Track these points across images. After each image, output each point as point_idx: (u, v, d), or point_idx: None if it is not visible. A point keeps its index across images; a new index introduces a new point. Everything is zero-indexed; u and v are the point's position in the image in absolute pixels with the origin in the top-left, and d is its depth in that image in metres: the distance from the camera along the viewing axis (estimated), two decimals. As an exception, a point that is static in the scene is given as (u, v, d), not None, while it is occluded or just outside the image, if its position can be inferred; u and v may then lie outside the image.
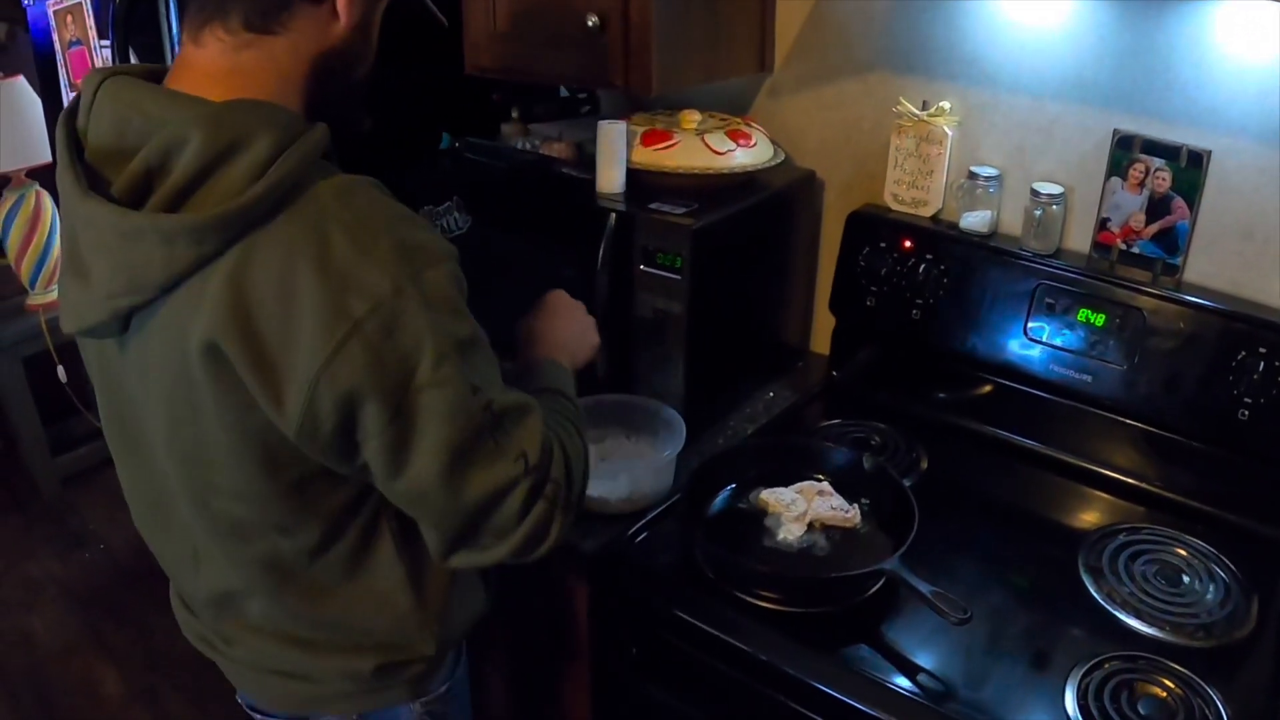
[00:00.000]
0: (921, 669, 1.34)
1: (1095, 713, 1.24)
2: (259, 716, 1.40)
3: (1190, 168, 1.61)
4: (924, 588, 1.34)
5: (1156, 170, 1.64)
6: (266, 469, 1.08)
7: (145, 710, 2.78)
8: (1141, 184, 1.66)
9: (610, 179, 1.72)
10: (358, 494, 1.14)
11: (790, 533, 1.53)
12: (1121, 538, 1.57)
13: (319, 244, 0.96)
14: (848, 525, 1.55)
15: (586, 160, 1.83)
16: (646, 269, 1.66)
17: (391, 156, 1.89)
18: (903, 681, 1.31)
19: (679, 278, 1.62)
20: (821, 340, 2.09)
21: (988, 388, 1.82)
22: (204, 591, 1.26)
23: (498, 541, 1.12)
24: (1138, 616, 1.41)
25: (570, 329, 1.49)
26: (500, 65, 1.86)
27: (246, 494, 1.11)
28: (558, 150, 1.87)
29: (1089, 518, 1.65)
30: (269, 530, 1.14)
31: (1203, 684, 1.28)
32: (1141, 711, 1.25)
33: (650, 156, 1.74)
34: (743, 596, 1.43)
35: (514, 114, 2.05)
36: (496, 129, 2.07)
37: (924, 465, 1.75)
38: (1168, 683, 1.29)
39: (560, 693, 1.79)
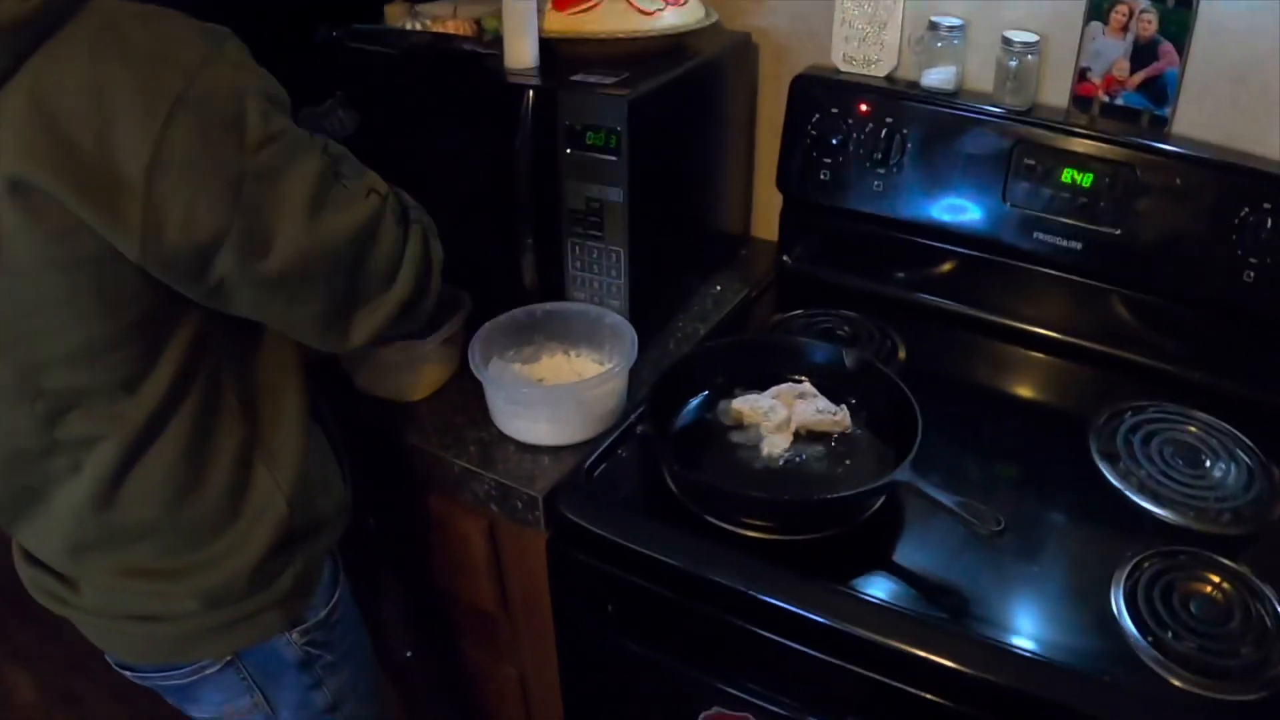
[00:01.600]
0: (948, 590, 1.18)
1: (1151, 623, 1.11)
2: (131, 674, 1.30)
3: (1178, 7, 1.45)
4: (946, 499, 1.17)
5: (1141, 12, 1.47)
6: (106, 309, 1.01)
7: (67, 714, 2.55)
8: (1125, 28, 1.49)
9: (521, 51, 1.46)
10: (198, 336, 1.08)
11: (774, 445, 1.34)
12: (1129, 419, 1.43)
13: (116, 38, 0.94)
14: (837, 429, 1.36)
15: (489, 38, 1.58)
16: (575, 152, 1.42)
17: (259, 53, 1.63)
18: (929, 607, 1.15)
19: (615, 159, 1.40)
20: (764, 224, 1.90)
21: (964, 263, 1.65)
22: (49, 529, 1.18)
23: (389, 283, 1.14)
24: (1164, 504, 1.28)
25: None
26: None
27: (84, 350, 1.03)
28: (451, 28, 1.60)
29: (1090, 399, 1.50)
30: (114, 392, 1.07)
31: (1250, 576, 1.17)
32: (1195, 613, 1.13)
33: (566, 22, 1.49)
34: (728, 527, 1.24)
35: (396, -7, 1.77)
36: (379, 13, 1.79)
37: (901, 355, 1.58)
38: (1214, 578, 1.18)
39: (521, 657, 1.61)
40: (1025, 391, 1.57)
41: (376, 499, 1.55)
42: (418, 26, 1.64)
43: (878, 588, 1.17)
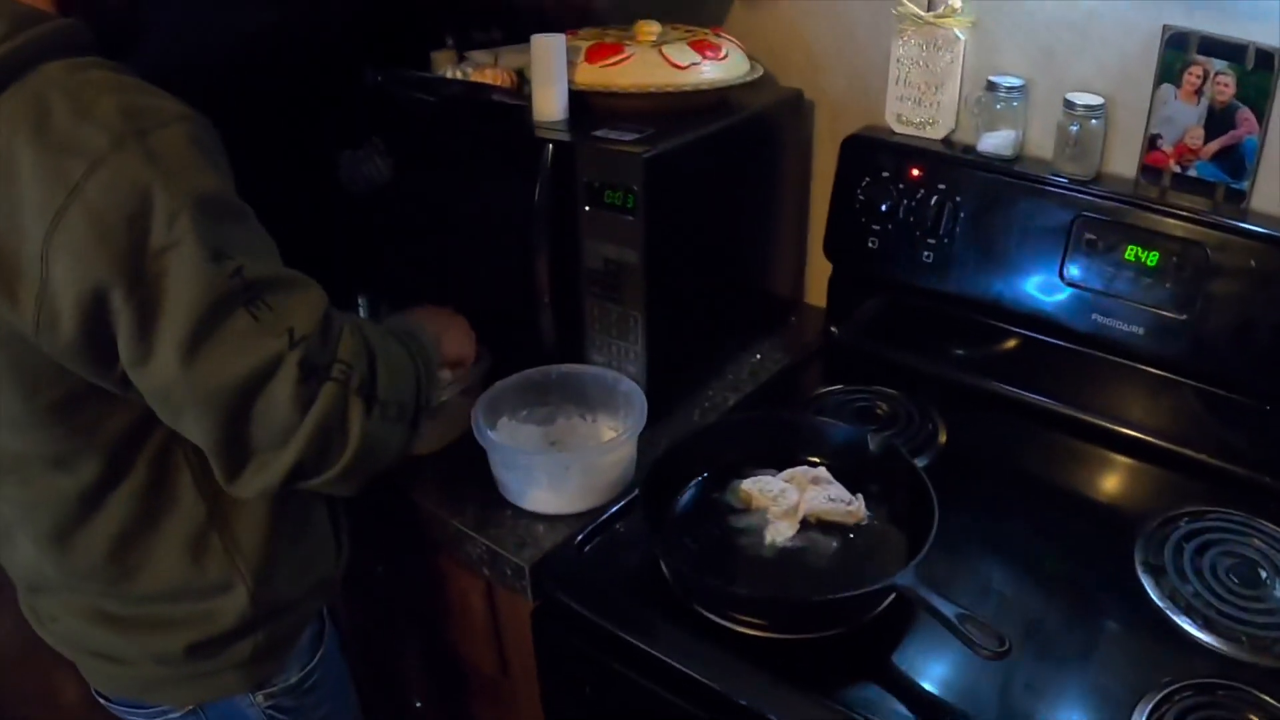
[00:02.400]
0: (943, 713, 1.07)
1: (1169, 766, 0.98)
2: (104, 702, 1.30)
3: (1259, 70, 1.33)
4: (948, 609, 1.06)
5: (1217, 74, 1.36)
6: (24, 390, 1.00)
7: (105, 715, 2.59)
8: (1199, 92, 1.38)
9: (548, 103, 1.42)
10: (139, 418, 1.04)
11: (778, 533, 1.25)
12: (1184, 525, 1.30)
13: (38, 112, 0.90)
14: (850, 521, 1.27)
15: (528, 90, 1.55)
16: (592, 210, 1.37)
17: (308, 96, 1.63)
18: (921, 732, 1.04)
19: (632, 219, 1.34)
20: (817, 291, 1.82)
21: (1016, 343, 1.54)
22: (16, 559, 1.20)
23: (282, 443, 0.97)
24: (1209, 629, 1.15)
25: (438, 319, 1.36)
26: (426, -21, 1.59)
27: (12, 421, 1.03)
28: (490, 77, 1.57)
29: (1142, 500, 1.39)
30: (46, 466, 1.06)
31: None
32: None
33: (597, 75, 1.45)
34: (717, 620, 1.16)
35: (448, 41, 1.75)
36: (428, 59, 1.78)
37: (942, 439, 1.48)
38: (1253, 719, 1.03)
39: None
40: (1073, 487, 1.44)
41: (384, 547, 1.52)
42: (460, 75, 1.61)
43: (870, 703, 1.07)
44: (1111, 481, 1.45)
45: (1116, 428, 1.47)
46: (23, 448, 1.06)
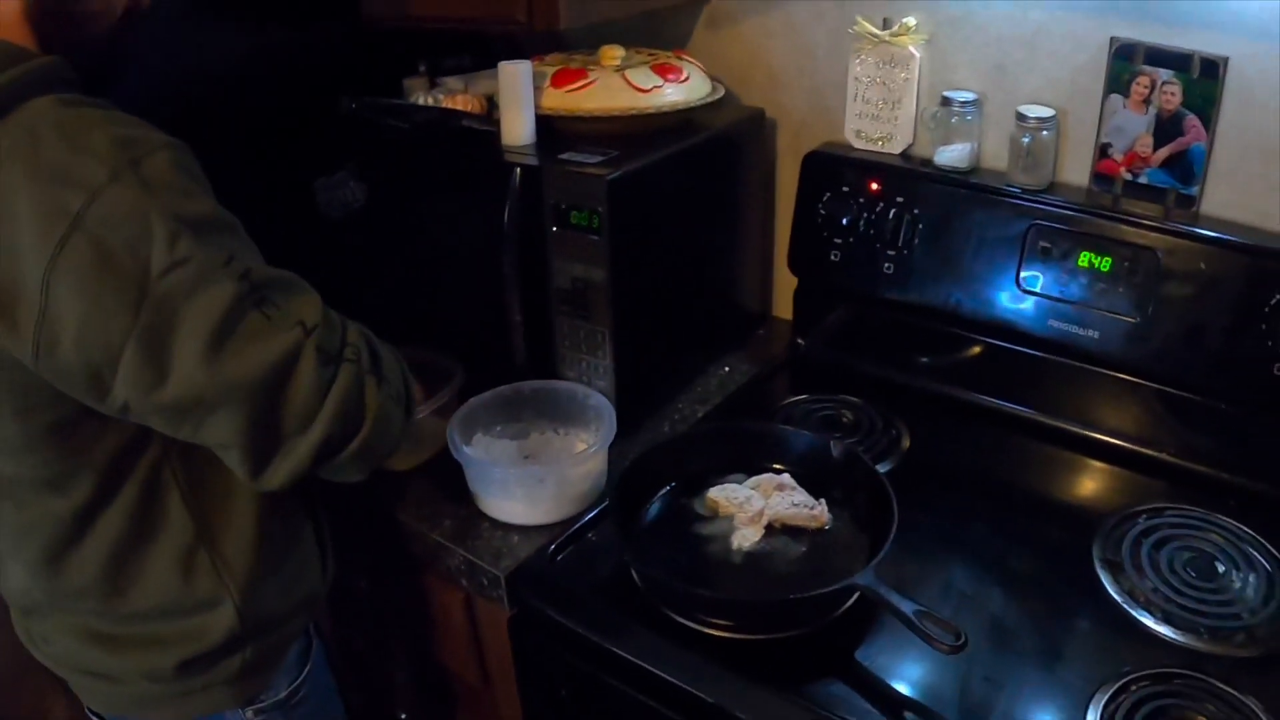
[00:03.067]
0: (907, 707, 1.10)
1: (1123, 758, 1.01)
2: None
3: (1204, 79, 1.37)
4: (906, 606, 1.09)
5: (1164, 84, 1.39)
6: (19, 413, 1.02)
7: None
8: (1146, 101, 1.41)
9: (516, 128, 1.46)
10: (131, 439, 1.07)
11: (744, 539, 1.28)
12: (1142, 522, 1.33)
13: (29, 146, 0.93)
14: (814, 525, 1.30)
15: (497, 115, 1.58)
16: (560, 230, 1.40)
17: (283, 123, 1.66)
18: (883, 725, 1.06)
19: (597, 239, 1.37)
20: (784, 304, 1.84)
21: (976, 349, 1.58)
22: (9, 584, 1.21)
23: (307, 426, 1.02)
24: (1167, 621, 1.17)
25: None
26: (397, 12, 1.63)
27: (6, 444, 1.05)
28: (461, 103, 1.61)
29: (1102, 499, 1.42)
30: (40, 488, 1.08)
31: (1254, 707, 1.04)
32: None
33: (562, 100, 1.48)
34: (686, 623, 1.19)
35: (420, 68, 1.79)
36: (400, 86, 1.81)
37: (905, 445, 1.51)
38: (1210, 707, 1.06)
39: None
40: (1034, 489, 1.47)
41: (367, 562, 1.54)
42: (431, 101, 1.64)
43: (835, 700, 1.09)
44: (1072, 482, 1.48)
45: (1076, 429, 1.50)
46: (17, 471, 1.07)
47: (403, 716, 1.75)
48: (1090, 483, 1.47)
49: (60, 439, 1.04)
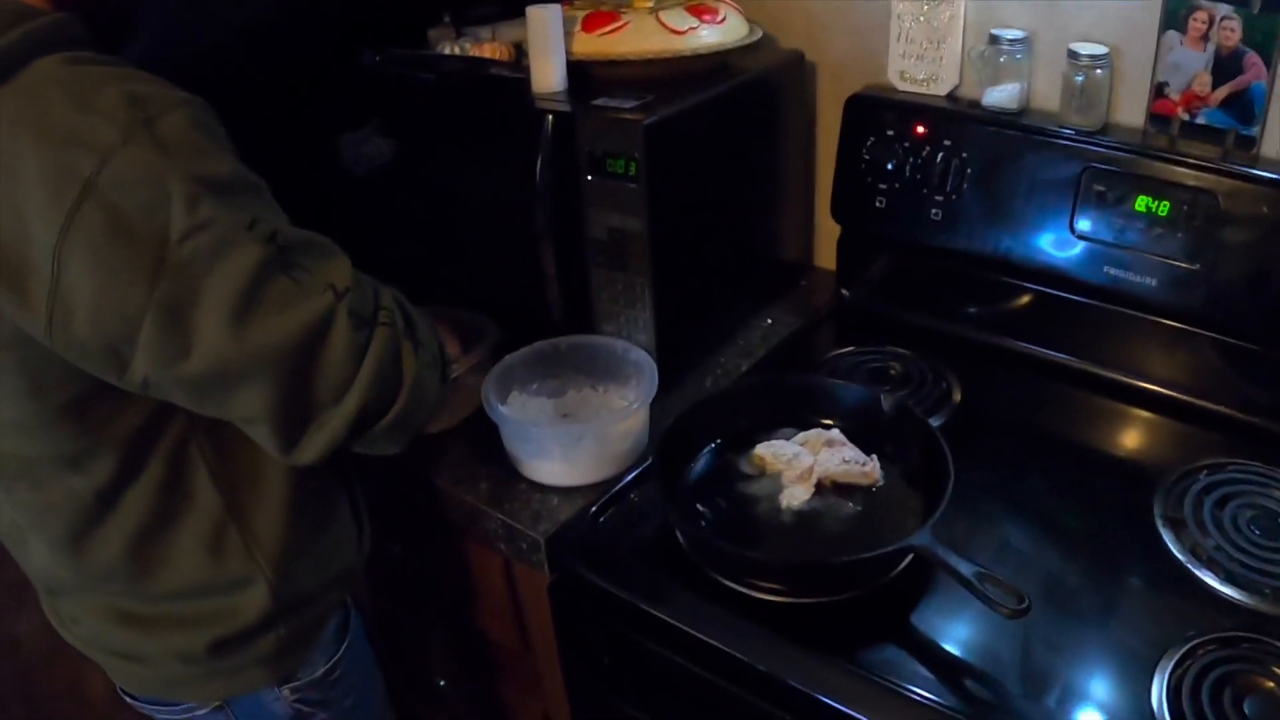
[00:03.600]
0: (964, 672, 1.06)
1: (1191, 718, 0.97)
2: (130, 700, 1.28)
3: (1265, 14, 1.30)
4: (966, 568, 1.05)
5: (1223, 19, 1.33)
6: (33, 391, 0.98)
7: (132, 712, 2.60)
8: (1205, 38, 1.35)
9: (546, 74, 1.40)
10: (153, 413, 1.02)
11: (793, 497, 1.24)
12: (1203, 478, 1.28)
13: (37, 106, 0.88)
14: (865, 482, 1.26)
15: (526, 62, 1.53)
16: (595, 179, 1.35)
17: (305, 79, 1.62)
18: (941, 693, 1.03)
19: (634, 186, 1.32)
20: (826, 253, 1.79)
21: (1028, 298, 1.52)
22: (33, 564, 1.18)
23: (342, 396, 0.97)
24: (1230, 581, 1.13)
25: None
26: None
27: (20, 424, 1.01)
28: (489, 51, 1.55)
29: (1162, 454, 1.37)
30: (58, 467, 1.03)
31: None
32: (1249, 714, 0.98)
33: (594, 44, 1.43)
34: (734, 586, 1.15)
35: (445, 18, 1.73)
36: (424, 38, 1.76)
37: (956, 398, 1.46)
38: (1278, 671, 1.01)
39: (545, 695, 1.53)
40: (1090, 443, 1.42)
41: (402, 528, 1.51)
42: (457, 50, 1.59)
43: (889, 665, 1.06)
44: (1128, 436, 1.43)
45: (1132, 381, 1.45)
46: (33, 450, 1.04)
47: (441, 683, 1.73)
48: (1147, 436, 1.42)
49: (77, 416, 1.00)
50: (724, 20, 1.48)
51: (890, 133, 1.53)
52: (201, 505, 1.08)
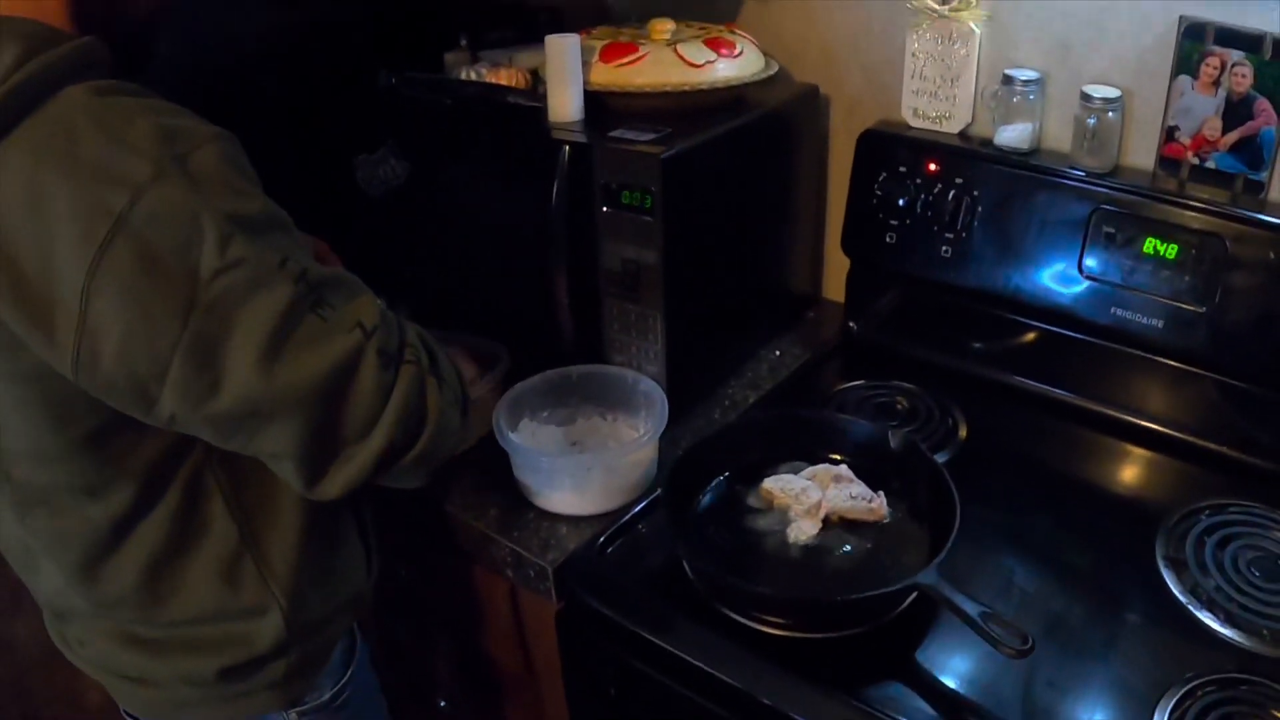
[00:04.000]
0: (967, 709, 1.07)
1: (1189, 762, 0.98)
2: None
3: (1276, 60, 1.31)
4: (971, 608, 1.06)
5: (1234, 65, 1.34)
6: (55, 422, 0.98)
7: None
8: (1216, 83, 1.36)
9: (564, 104, 1.42)
10: (172, 444, 1.02)
11: (801, 531, 1.25)
12: (1205, 518, 1.29)
13: (66, 139, 0.87)
14: (872, 519, 1.27)
15: (542, 90, 1.54)
16: (610, 210, 1.37)
17: (322, 100, 1.63)
18: (944, 730, 1.04)
19: (650, 219, 1.34)
20: (836, 286, 1.80)
21: (1035, 336, 1.53)
22: (44, 588, 1.17)
23: (368, 433, 0.98)
24: (1230, 622, 1.14)
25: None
26: (439, -19, 1.59)
27: (40, 454, 1.01)
28: (504, 78, 1.57)
29: (1164, 493, 1.38)
30: (76, 495, 1.03)
31: None
32: None
33: (612, 74, 1.45)
34: (741, 620, 1.16)
35: (462, 42, 1.75)
36: (441, 61, 1.78)
37: (962, 434, 1.47)
38: (1277, 714, 1.03)
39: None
40: (1094, 481, 1.43)
41: (410, 550, 1.52)
42: (474, 76, 1.61)
43: (893, 701, 1.06)
44: (1132, 475, 1.44)
45: (1137, 421, 1.46)
46: (51, 479, 1.03)
47: (443, 704, 1.73)
48: (1150, 476, 1.43)
49: (98, 448, 1.00)
50: (741, 54, 1.49)
51: (902, 169, 1.55)
52: (217, 533, 1.08)
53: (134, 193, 0.86)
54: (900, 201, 1.55)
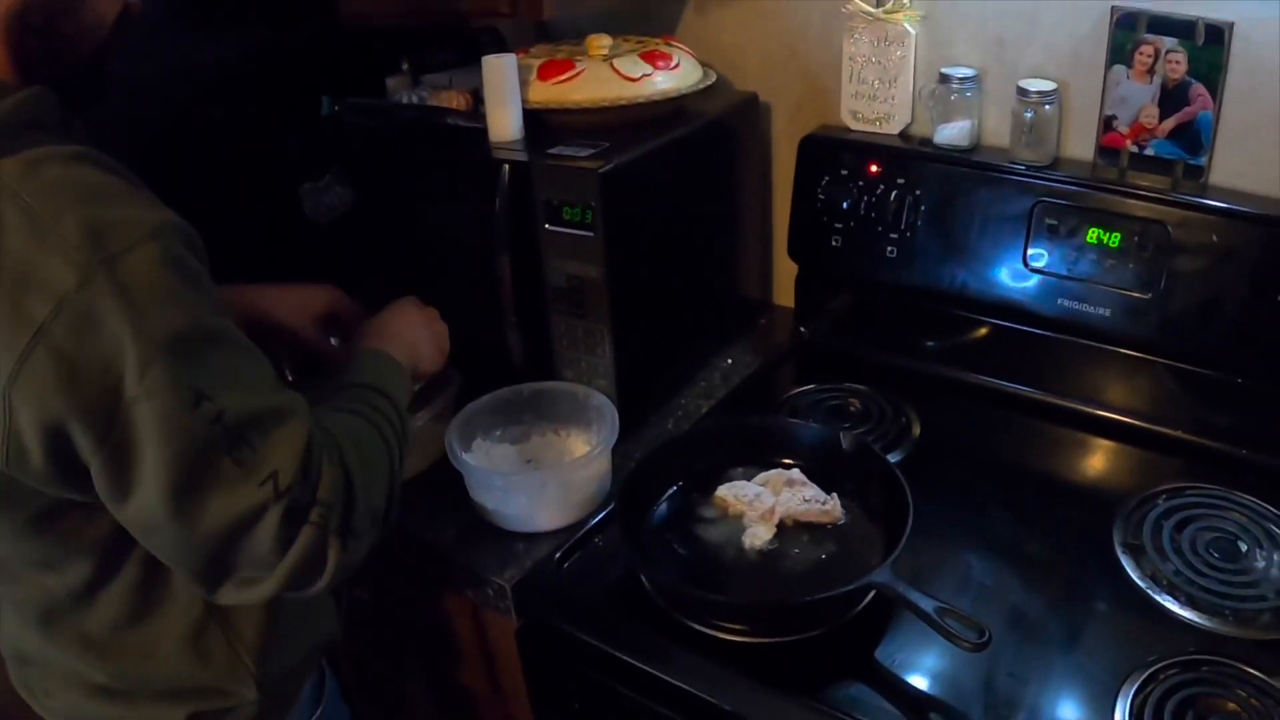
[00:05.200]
0: (929, 706, 1.07)
1: (1160, 752, 0.97)
2: None
3: (1209, 45, 1.33)
4: (927, 604, 1.06)
5: (1168, 52, 1.35)
6: (1, 506, 0.96)
7: None
8: (1151, 70, 1.37)
9: (503, 123, 1.42)
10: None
11: (756, 537, 1.25)
12: (1162, 503, 1.30)
13: None
14: (827, 520, 1.26)
15: (483, 109, 1.54)
16: (552, 228, 1.36)
17: (265, 129, 1.62)
18: (906, 727, 1.03)
19: (591, 235, 1.34)
20: (785, 291, 1.80)
21: (984, 331, 1.54)
22: (5, 634, 1.16)
23: (261, 574, 0.94)
24: (1191, 605, 1.15)
25: (414, 327, 1.28)
26: (378, 8, 1.60)
27: None
28: (447, 99, 1.57)
29: (1121, 480, 1.38)
30: (33, 569, 1.02)
31: None
32: None
33: (550, 92, 1.44)
34: (699, 628, 1.15)
35: (403, 66, 1.75)
36: (383, 85, 1.77)
37: (916, 432, 1.47)
38: (1240, 693, 1.03)
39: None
40: (1049, 472, 1.44)
41: (372, 573, 1.50)
42: (417, 99, 1.61)
43: (855, 702, 1.06)
44: (1088, 464, 1.44)
45: (1090, 410, 1.47)
46: (5, 553, 1.02)
47: (411, 730, 1.72)
48: (1107, 464, 1.43)
49: (48, 526, 0.98)
50: (678, 66, 1.49)
51: (844, 172, 1.55)
52: (181, 604, 1.06)
53: (56, 302, 0.82)
54: (844, 205, 1.55)
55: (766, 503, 1.26)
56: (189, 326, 0.87)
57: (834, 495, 1.28)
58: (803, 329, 1.71)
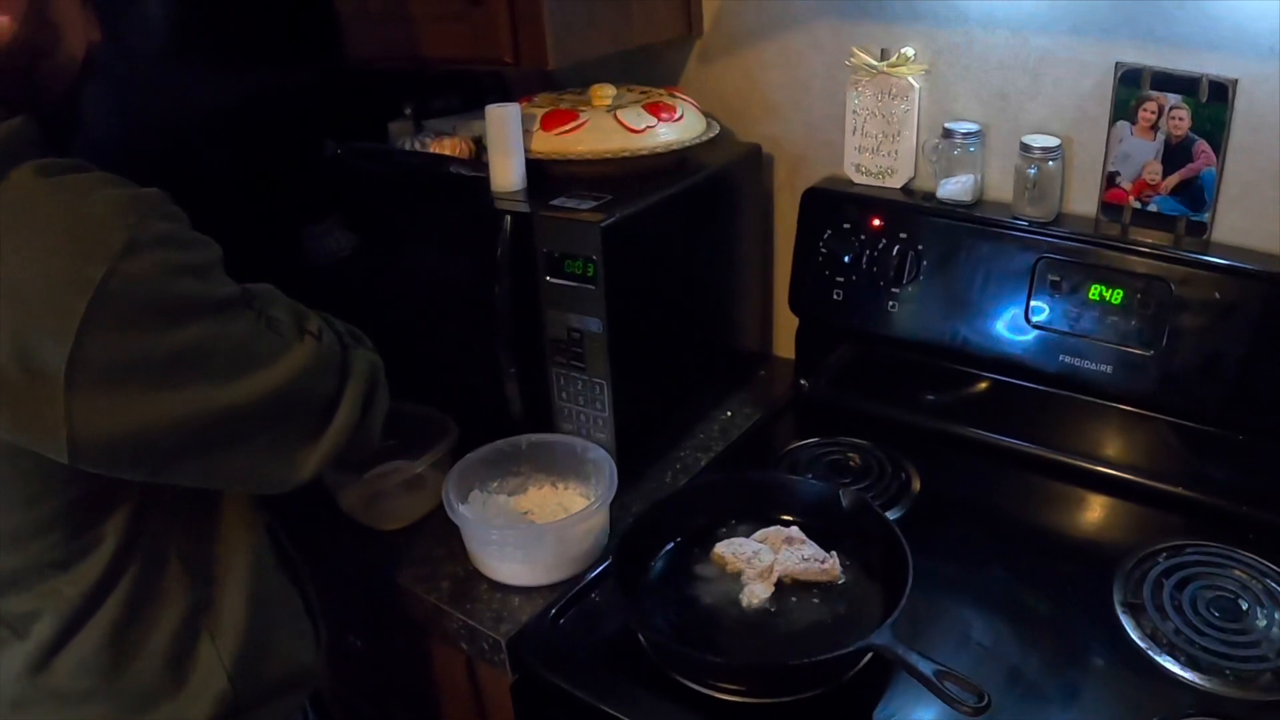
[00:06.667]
0: (927, 771, 1.04)
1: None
2: None
3: (1213, 102, 1.33)
4: (925, 667, 1.05)
5: (1172, 109, 1.36)
6: (28, 499, 0.98)
7: None
8: (1154, 127, 1.38)
9: (505, 173, 1.42)
10: (140, 510, 1.04)
11: (754, 595, 1.23)
12: (1162, 561, 1.29)
13: (28, 221, 0.88)
14: (826, 579, 1.25)
15: (485, 158, 1.55)
16: (554, 280, 1.36)
17: (266, 171, 1.62)
18: (904, 794, 1.02)
19: (593, 288, 1.33)
20: (785, 343, 1.80)
21: (986, 387, 1.53)
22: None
23: (329, 416, 1.08)
24: (1192, 665, 1.13)
25: None
26: (381, 52, 1.60)
27: (12, 536, 1.00)
28: (449, 147, 1.57)
29: (1121, 538, 1.37)
30: (47, 571, 1.03)
31: None
32: None
33: (553, 143, 1.45)
34: (696, 688, 1.14)
35: (406, 111, 1.75)
36: (385, 130, 1.78)
37: (915, 487, 1.46)
38: (1238, 758, 1.01)
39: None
40: (1050, 529, 1.42)
41: (365, 622, 1.50)
42: (419, 145, 1.61)
43: (851, 764, 1.05)
44: (1088, 520, 1.43)
45: (1090, 466, 1.46)
46: (21, 562, 1.03)
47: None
48: (1107, 520, 1.42)
49: (70, 519, 1.01)
50: (681, 118, 1.50)
51: (847, 225, 1.55)
52: (173, 598, 1.09)
53: (109, 265, 0.87)
54: (845, 258, 1.55)
55: (765, 561, 1.25)
56: (208, 258, 0.98)
57: (833, 553, 1.27)
58: (803, 382, 1.71)
